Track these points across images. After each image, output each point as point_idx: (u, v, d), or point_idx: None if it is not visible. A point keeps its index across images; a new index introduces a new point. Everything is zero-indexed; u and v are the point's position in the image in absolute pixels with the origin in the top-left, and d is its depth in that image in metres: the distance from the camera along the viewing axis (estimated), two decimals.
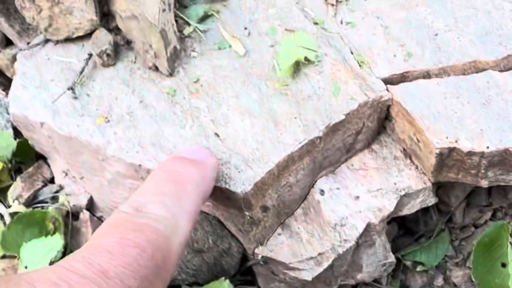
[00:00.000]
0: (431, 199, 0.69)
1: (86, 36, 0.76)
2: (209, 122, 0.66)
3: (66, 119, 0.70)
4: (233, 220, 0.66)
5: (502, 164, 0.61)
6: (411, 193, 0.67)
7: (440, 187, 0.76)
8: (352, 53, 0.70)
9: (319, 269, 0.66)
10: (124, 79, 0.72)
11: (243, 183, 0.61)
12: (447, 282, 0.78)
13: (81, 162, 0.73)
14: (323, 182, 0.69)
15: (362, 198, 0.68)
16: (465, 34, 0.69)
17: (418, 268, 0.78)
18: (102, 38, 0.74)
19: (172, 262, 0.45)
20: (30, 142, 0.80)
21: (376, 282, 0.76)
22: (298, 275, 0.67)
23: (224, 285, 0.68)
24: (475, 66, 0.67)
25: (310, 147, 0.64)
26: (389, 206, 0.67)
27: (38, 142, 0.77)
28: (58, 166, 0.80)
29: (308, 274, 0.67)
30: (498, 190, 0.77)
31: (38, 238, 0.72)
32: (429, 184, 0.67)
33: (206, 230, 0.68)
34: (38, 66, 0.76)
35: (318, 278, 0.67)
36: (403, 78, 0.68)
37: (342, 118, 0.64)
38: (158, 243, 0.43)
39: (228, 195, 0.62)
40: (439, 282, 0.78)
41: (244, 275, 0.76)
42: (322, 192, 0.69)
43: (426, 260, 0.76)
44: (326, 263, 0.66)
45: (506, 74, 0.64)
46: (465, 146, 0.60)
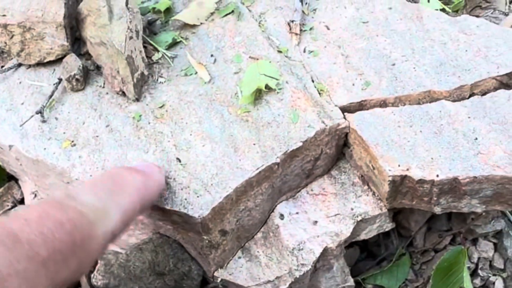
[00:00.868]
0: (388, 225, 0.71)
1: (58, 60, 0.78)
2: (171, 147, 0.68)
3: (33, 142, 0.71)
4: (192, 243, 0.67)
5: (453, 191, 0.63)
6: (368, 218, 0.69)
7: (400, 212, 0.78)
8: (313, 81, 0.72)
9: None
10: (92, 104, 0.74)
11: (201, 208, 0.62)
12: None
13: (48, 184, 0.74)
14: (283, 207, 0.71)
15: (320, 223, 0.69)
16: (421, 64, 0.71)
17: None
18: (72, 63, 0.76)
19: (92, 247, 0.46)
20: (1, 164, 0.81)
21: None
22: None
23: None
24: (429, 96, 0.68)
25: (268, 173, 0.66)
26: (346, 231, 0.68)
27: (8, 163, 0.79)
28: (28, 187, 0.82)
29: None
30: (457, 215, 0.79)
31: None
32: (385, 210, 0.69)
33: (167, 253, 0.69)
34: (10, 90, 0.77)
35: None
36: (361, 106, 0.70)
37: (300, 145, 0.66)
38: (79, 224, 0.45)
39: (186, 220, 0.64)
40: None
41: None
42: (281, 216, 0.70)
43: (386, 283, 0.77)
44: (283, 287, 0.67)
45: (458, 104, 0.66)
46: (416, 174, 0.62)
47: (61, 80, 0.76)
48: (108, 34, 0.72)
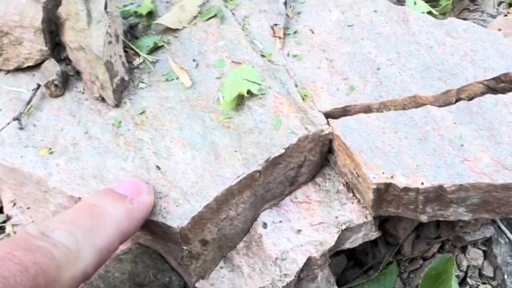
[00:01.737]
0: (374, 233, 0.69)
1: (37, 66, 0.77)
2: (151, 155, 0.66)
3: (10, 150, 0.69)
4: (172, 254, 0.65)
5: (438, 200, 0.61)
6: (353, 227, 0.67)
7: (387, 220, 0.76)
8: (296, 86, 0.71)
9: None
10: (71, 110, 0.72)
11: (180, 218, 0.61)
12: None
13: (26, 193, 0.72)
14: (266, 215, 0.69)
15: (304, 231, 0.67)
16: (406, 69, 0.69)
17: None
18: (51, 69, 0.74)
19: None
20: None
21: None
22: None
23: None
24: (415, 101, 0.67)
25: (249, 181, 0.64)
26: (330, 240, 0.66)
27: None
28: (6, 195, 0.80)
29: None
30: (446, 222, 0.77)
31: None
32: (370, 218, 0.67)
33: (146, 264, 0.67)
34: None
35: None
36: (345, 112, 0.68)
37: (282, 152, 0.64)
38: (46, 268, 0.43)
39: (165, 229, 0.62)
40: None
41: None
42: (264, 225, 0.68)
43: None
44: None
45: (444, 110, 0.65)
46: (400, 182, 0.60)
47: (39, 86, 0.74)
48: (86, 38, 0.70)
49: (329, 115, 0.68)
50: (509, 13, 0.83)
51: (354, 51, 0.72)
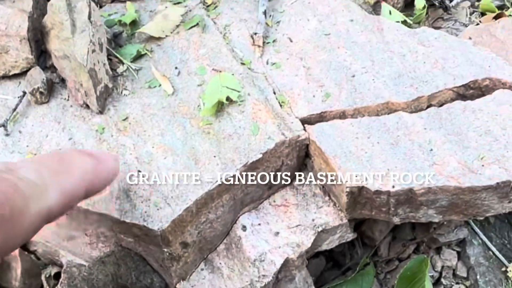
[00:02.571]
0: (349, 235, 0.71)
1: (23, 73, 0.78)
2: (133, 160, 0.68)
3: None
4: (153, 256, 0.67)
5: (409, 202, 0.64)
6: (329, 229, 0.69)
7: (364, 222, 0.78)
8: (274, 93, 0.73)
9: None
10: (56, 117, 0.74)
11: (161, 221, 0.63)
12: None
13: None
14: (246, 218, 0.71)
15: (281, 234, 0.69)
16: (380, 76, 0.72)
17: None
18: (36, 76, 0.76)
19: (22, 224, 0.43)
20: None
21: None
22: None
23: None
24: (388, 107, 0.69)
25: (228, 185, 0.66)
26: (307, 242, 0.69)
27: None
28: None
29: None
30: (421, 224, 0.80)
31: None
32: (345, 220, 0.69)
33: (128, 266, 0.69)
34: None
35: None
36: (321, 118, 0.70)
37: (259, 157, 0.66)
38: (11, 197, 0.42)
39: (146, 232, 0.64)
40: None
41: None
42: (244, 227, 0.71)
43: None
44: None
45: (415, 116, 0.67)
46: (372, 185, 0.62)
47: (25, 93, 0.76)
48: (70, 47, 0.72)
49: (305, 121, 0.70)
50: (481, 22, 0.86)
51: (331, 59, 0.75)
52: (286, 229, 0.70)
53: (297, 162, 0.71)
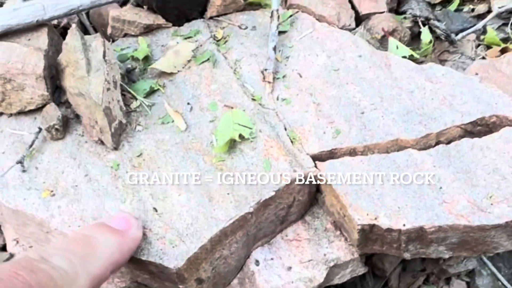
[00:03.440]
0: (361, 269, 0.73)
1: (38, 109, 0.80)
2: (148, 196, 0.70)
3: (13, 192, 0.72)
4: None
5: (420, 239, 0.65)
6: (340, 264, 0.71)
7: (374, 254, 0.80)
8: (285, 129, 0.74)
9: None
10: (71, 153, 0.76)
11: (176, 259, 0.64)
12: None
13: (28, 233, 0.75)
14: (259, 253, 0.73)
15: (294, 268, 0.71)
16: (389, 113, 0.73)
17: None
18: (52, 114, 0.78)
19: None
20: None
21: None
22: None
23: None
24: (397, 144, 0.71)
25: (242, 222, 0.67)
26: (319, 277, 0.70)
27: None
28: (9, 234, 0.83)
29: None
30: None
31: None
32: (357, 255, 0.70)
33: None
34: None
35: None
36: (331, 154, 0.72)
37: (272, 194, 0.68)
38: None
39: (162, 270, 0.65)
40: None
41: None
42: (257, 262, 0.72)
43: None
44: None
45: (424, 153, 0.69)
46: (384, 223, 0.64)
47: (41, 129, 0.78)
48: (86, 86, 0.74)
49: (316, 158, 0.71)
50: (486, 55, 0.88)
51: (340, 95, 0.77)
52: (299, 263, 0.71)
53: (308, 197, 0.73)
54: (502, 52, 0.87)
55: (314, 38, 0.84)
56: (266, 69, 0.80)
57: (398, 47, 0.85)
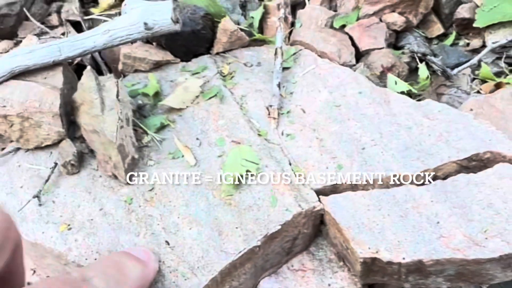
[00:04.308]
0: None
1: (55, 144, 0.84)
2: (161, 230, 0.74)
3: (32, 226, 0.76)
4: None
5: (419, 271, 0.69)
6: None
7: (376, 284, 0.83)
8: (290, 164, 0.78)
9: None
10: (86, 187, 0.80)
11: None
12: None
13: (46, 264, 0.79)
14: (266, 282, 0.76)
15: None
16: (388, 149, 0.77)
17: None
18: (67, 149, 0.82)
19: None
20: None
21: None
22: None
23: None
24: (397, 180, 0.75)
25: (250, 255, 0.71)
26: None
27: None
28: (27, 264, 0.86)
29: None
30: None
31: None
32: (359, 285, 0.74)
33: None
34: (10, 173, 0.83)
35: None
36: (334, 189, 0.76)
37: (278, 228, 0.72)
38: None
39: None
40: None
41: None
42: None
43: None
44: None
45: (422, 188, 0.73)
46: (384, 257, 0.67)
47: (56, 164, 0.82)
48: (100, 124, 0.78)
49: (320, 192, 0.75)
50: (481, 89, 0.92)
51: (342, 131, 0.81)
52: None
53: (313, 230, 0.76)
54: (496, 86, 0.91)
55: (316, 74, 0.89)
56: (271, 105, 0.84)
57: (396, 83, 0.89)
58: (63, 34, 0.97)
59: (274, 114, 0.83)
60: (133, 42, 0.93)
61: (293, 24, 1.01)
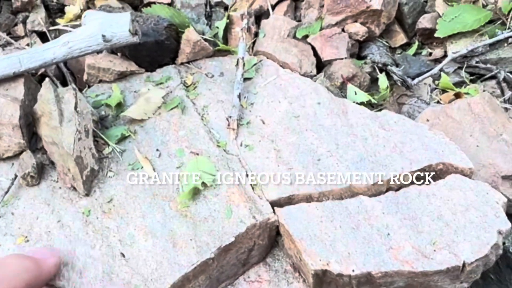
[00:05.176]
0: None
1: (16, 156, 0.85)
2: (117, 242, 0.74)
3: None
4: None
5: (370, 283, 0.69)
6: None
7: None
8: (247, 175, 0.79)
9: None
10: (46, 199, 0.80)
11: None
12: None
13: None
14: None
15: None
16: (343, 160, 0.78)
17: None
18: (27, 161, 0.82)
19: None
20: None
21: None
22: None
23: None
24: (350, 191, 0.75)
25: (204, 267, 0.71)
26: None
27: None
28: None
29: None
30: None
31: None
32: None
33: None
34: None
35: None
36: (289, 200, 0.76)
37: (232, 240, 0.72)
38: None
39: None
40: None
41: None
42: None
43: None
44: None
45: (374, 200, 0.73)
46: (335, 269, 0.68)
47: (16, 176, 0.82)
48: (59, 135, 0.78)
49: (275, 203, 0.76)
50: (441, 99, 0.92)
51: (299, 142, 0.81)
52: None
53: (268, 241, 0.77)
54: (456, 96, 0.91)
55: (277, 85, 0.89)
56: (230, 116, 0.84)
57: (356, 93, 0.89)
58: (28, 45, 0.98)
59: (234, 125, 0.83)
60: (97, 53, 0.93)
61: (256, 34, 1.01)
